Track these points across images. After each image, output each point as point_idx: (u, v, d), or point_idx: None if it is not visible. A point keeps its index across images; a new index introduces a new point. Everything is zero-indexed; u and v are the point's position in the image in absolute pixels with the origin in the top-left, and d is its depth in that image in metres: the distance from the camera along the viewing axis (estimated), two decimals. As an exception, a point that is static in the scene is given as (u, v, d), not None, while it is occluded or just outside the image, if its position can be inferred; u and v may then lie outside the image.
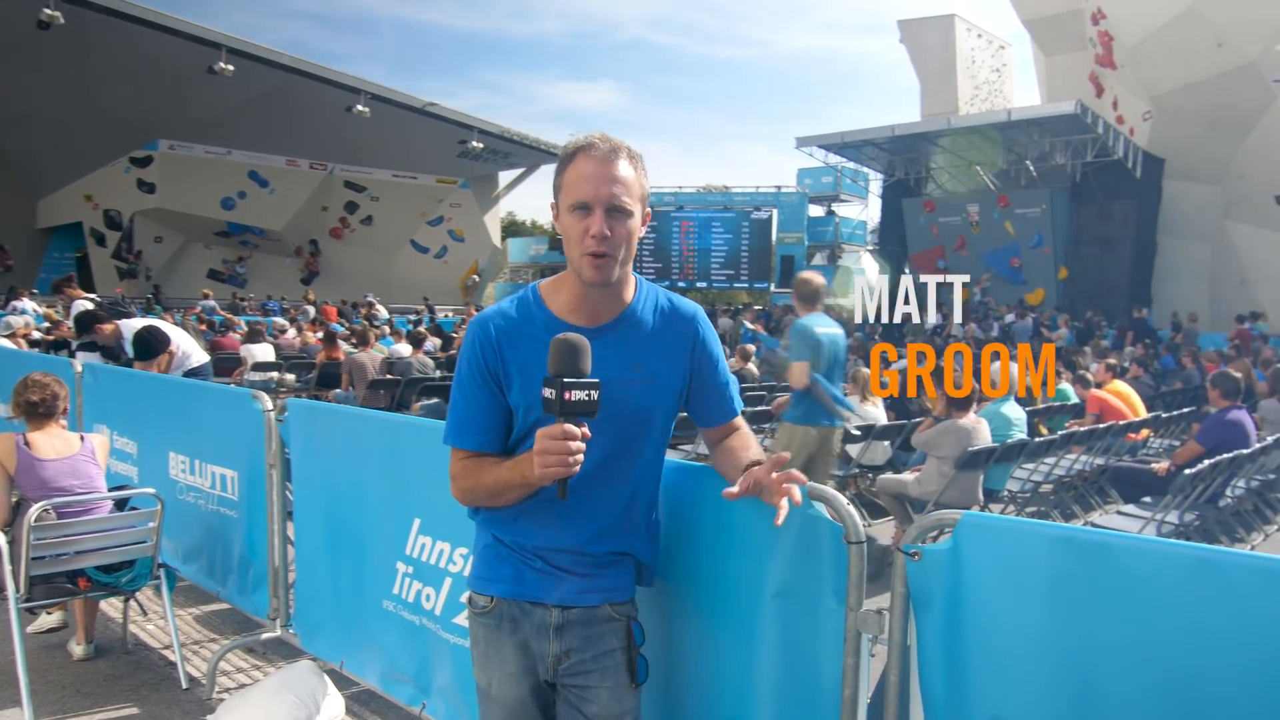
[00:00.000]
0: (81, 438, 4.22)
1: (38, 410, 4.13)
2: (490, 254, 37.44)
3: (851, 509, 2.06)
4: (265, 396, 4.06)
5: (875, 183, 30.47)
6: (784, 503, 1.83)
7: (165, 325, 7.30)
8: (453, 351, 12.44)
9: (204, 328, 16.74)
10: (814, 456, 5.84)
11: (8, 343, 10.77)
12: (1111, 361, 10.34)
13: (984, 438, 6.38)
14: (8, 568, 3.74)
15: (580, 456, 1.73)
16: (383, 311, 24.13)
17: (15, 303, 17.46)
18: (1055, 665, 1.77)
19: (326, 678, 3.63)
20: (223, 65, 24.53)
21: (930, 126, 24.88)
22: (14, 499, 4.01)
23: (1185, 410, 10.23)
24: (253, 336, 13.14)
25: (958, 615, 1.91)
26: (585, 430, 1.74)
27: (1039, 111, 22.64)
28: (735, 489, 1.89)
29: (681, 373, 2.02)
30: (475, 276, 36.29)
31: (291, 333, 17.20)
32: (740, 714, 2.21)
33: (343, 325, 18.89)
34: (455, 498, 2.01)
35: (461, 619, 2.99)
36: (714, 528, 2.24)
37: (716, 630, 2.25)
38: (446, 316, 25.66)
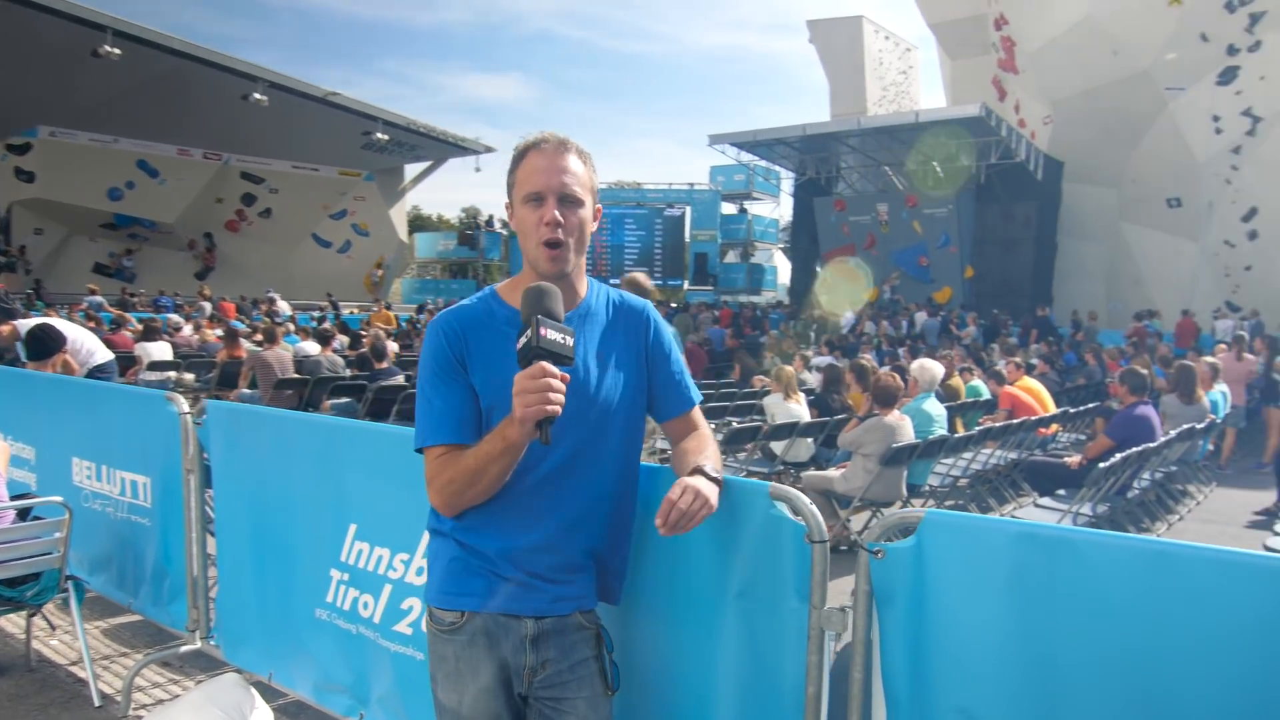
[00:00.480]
0: None
1: None
2: (397, 249, 36.80)
3: (814, 508, 2.09)
4: (180, 399, 3.92)
5: (787, 181, 30.95)
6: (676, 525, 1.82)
7: (62, 323, 6.95)
8: (362, 349, 12.18)
9: (92, 325, 15.99)
10: None
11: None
12: (1019, 360, 10.73)
13: (908, 434, 6.55)
14: None
15: (561, 396, 1.70)
16: (285, 308, 23.46)
17: None
18: (1019, 657, 1.83)
19: (253, 690, 3.50)
20: (108, 48, 23.40)
21: (840, 126, 25.26)
22: None
23: (1090, 405, 10.66)
24: (148, 334, 12.59)
25: (921, 611, 1.96)
26: (564, 375, 1.73)
27: (945, 114, 23.15)
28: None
29: (639, 363, 2.05)
30: (379, 271, 35.63)
31: (188, 330, 16.51)
32: (703, 715, 2.22)
33: (243, 322, 18.32)
34: (434, 503, 1.95)
35: (403, 626, 2.94)
36: (673, 530, 2.26)
37: (679, 632, 2.26)
38: (352, 313, 25.13)
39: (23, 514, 4.02)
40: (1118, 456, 6.27)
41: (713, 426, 9.86)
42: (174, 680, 4.07)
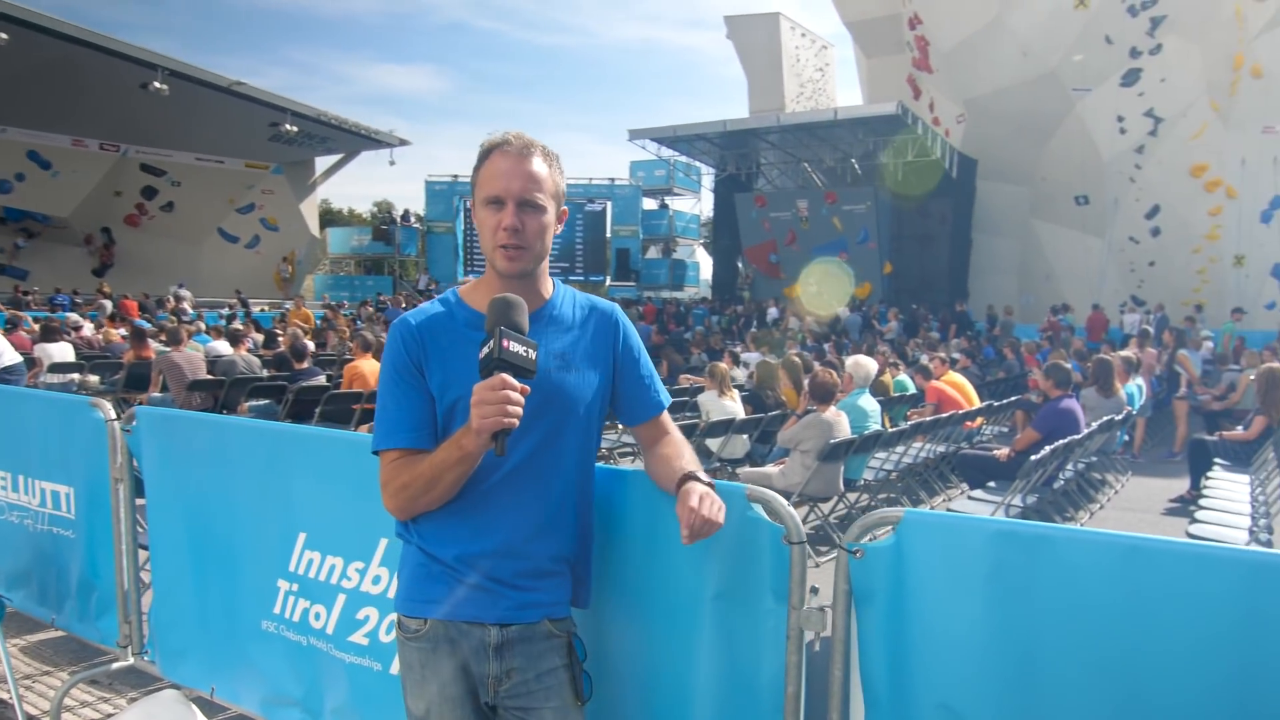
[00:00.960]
0: None
1: None
2: (308, 244, 35.88)
3: (791, 510, 2.11)
4: (107, 405, 3.77)
5: (707, 177, 31.25)
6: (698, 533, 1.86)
7: None
8: (279, 349, 11.81)
9: (-15, 325, 15.21)
10: None
11: None
12: (943, 355, 11.06)
13: (844, 430, 6.67)
14: None
15: (519, 409, 1.72)
16: (189, 306, 22.65)
17: None
18: (999, 652, 1.88)
19: (194, 706, 3.41)
20: None
21: (761, 123, 25.73)
22: None
23: (1011, 399, 11.05)
24: (47, 334, 12.06)
25: (901, 609, 1.99)
26: (524, 387, 1.74)
27: (863, 111, 23.84)
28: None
29: (606, 366, 2.06)
30: (289, 268, 34.73)
31: (88, 329, 15.87)
32: (680, 716, 2.22)
33: (148, 321, 17.63)
34: (389, 508, 1.94)
35: (359, 636, 2.89)
36: (648, 533, 2.26)
37: (656, 636, 2.27)
38: (263, 310, 24.40)
39: None
40: (1046, 449, 6.49)
41: None
42: (104, 699, 3.93)
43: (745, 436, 8.15)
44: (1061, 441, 6.81)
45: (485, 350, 1.74)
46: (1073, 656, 1.81)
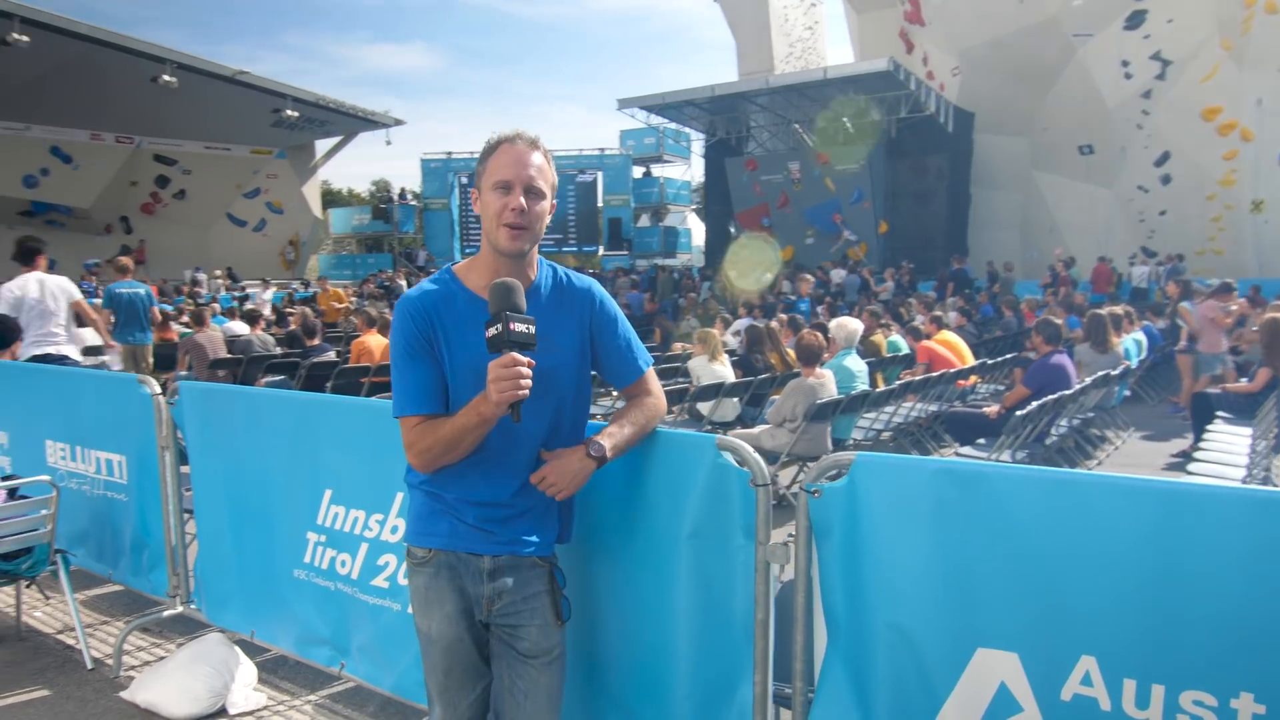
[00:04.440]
0: None
1: None
2: (311, 225, 36.59)
3: (756, 455, 2.36)
4: (153, 381, 4.14)
5: (698, 143, 30.78)
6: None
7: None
8: (292, 328, 12.38)
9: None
10: None
11: None
12: (937, 314, 11.24)
13: (830, 391, 6.79)
14: None
15: (529, 381, 2.00)
16: (205, 289, 23.64)
17: None
18: (940, 577, 2.11)
19: (236, 647, 3.80)
20: (16, 36, 23.00)
21: (749, 86, 24.99)
22: None
23: (1008, 356, 10.89)
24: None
25: (855, 542, 2.22)
26: (530, 360, 2.01)
27: (854, 69, 22.96)
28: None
29: (583, 338, 2.31)
30: (293, 250, 35.43)
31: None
32: (664, 642, 2.50)
33: (167, 304, 18.08)
34: (414, 465, 2.20)
35: (380, 580, 3.22)
36: (631, 480, 2.52)
37: (640, 570, 2.53)
38: (278, 291, 24.86)
39: (11, 493, 4.23)
40: (1034, 405, 6.60)
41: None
42: (156, 644, 4.31)
43: (736, 400, 8.31)
44: (1051, 397, 6.89)
45: (493, 331, 1.99)
46: (1004, 577, 2.03)
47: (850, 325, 8.08)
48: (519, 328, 2.00)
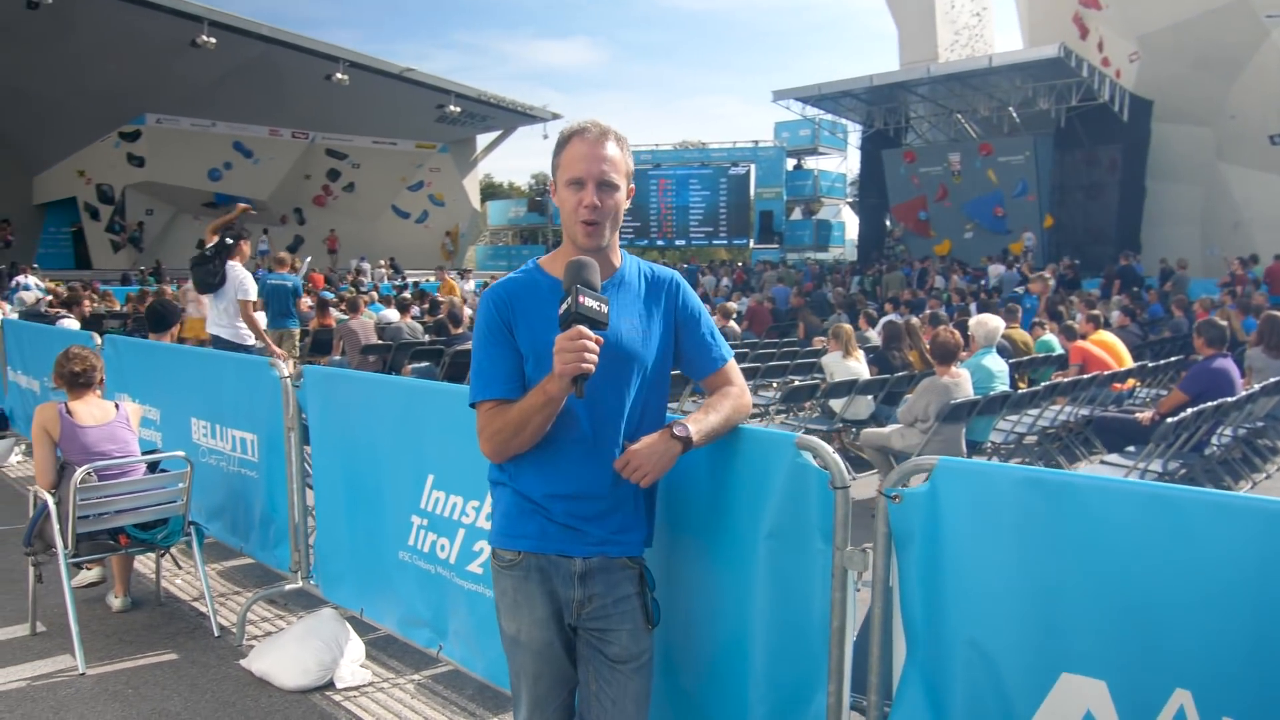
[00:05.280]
0: (116, 405, 4.52)
1: (78, 380, 4.44)
2: (470, 217, 38.02)
3: (837, 457, 2.24)
4: (282, 365, 4.34)
5: (854, 134, 30.27)
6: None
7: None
8: (440, 316, 12.95)
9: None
10: None
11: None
12: (1095, 312, 10.53)
13: (965, 391, 6.45)
14: (56, 526, 4.09)
15: (595, 355, 1.95)
16: (368, 278, 24.90)
17: (19, 278, 18.21)
18: (1024, 593, 1.96)
19: (348, 624, 3.96)
20: (205, 38, 24.94)
21: (909, 75, 24.04)
22: (59, 463, 4.34)
23: (1173, 359, 10.13)
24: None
25: (935, 552, 2.09)
26: (598, 337, 1.97)
27: (1021, 56, 21.88)
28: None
29: (669, 326, 2.27)
30: (452, 241, 36.77)
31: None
32: (740, 645, 2.42)
33: (331, 292, 19.17)
34: (485, 452, 2.18)
35: (475, 566, 3.25)
36: (710, 476, 2.46)
37: (717, 569, 2.47)
38: (428, 280, 26.04)
39: (152, 467, 4.54)
40: (1189, 411, 6.07)
41: (773, 385, 10.11)
42: (279, 615, 4.54)
43: (870, 398, 8.07)
44: (1211, 404, 6.33)
45: (564, 306, 1.97)
46: (1093, 598, 1.87)
47: (991, 323, 7.69)
48: (589, 302, 1.97)
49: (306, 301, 16.07)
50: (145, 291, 12.92)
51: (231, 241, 7.44)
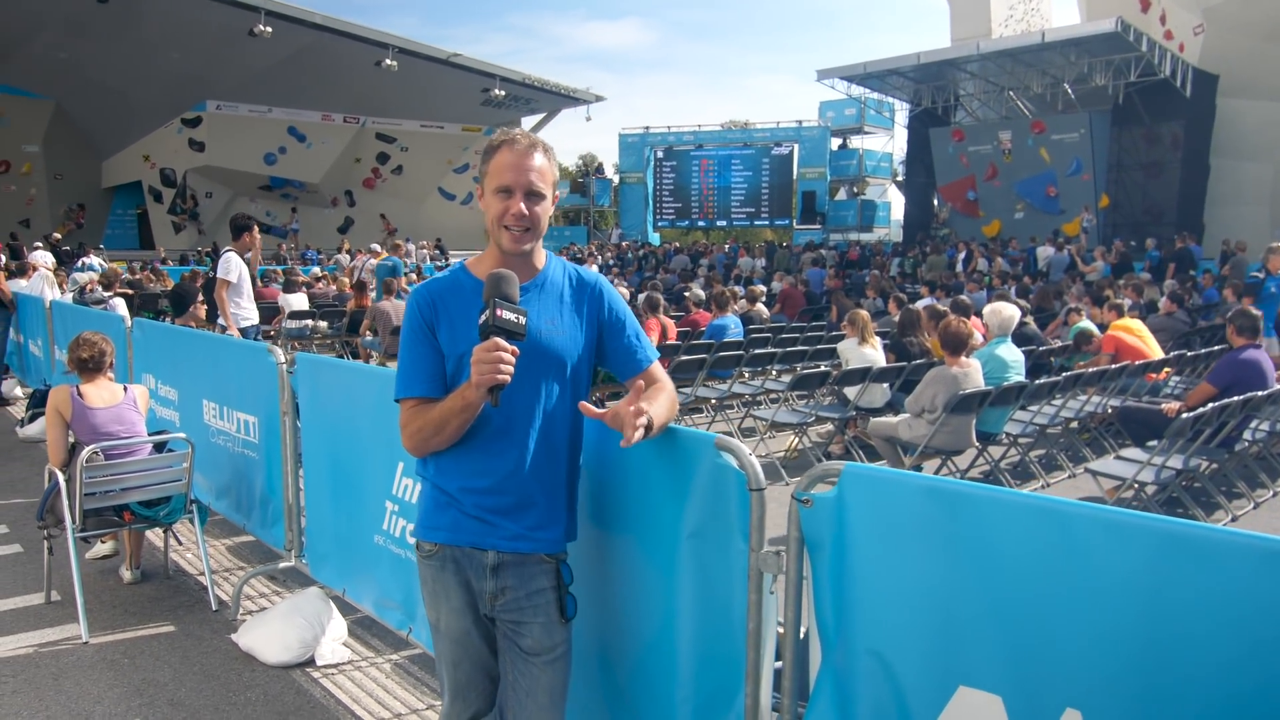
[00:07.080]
0: (125, 388, 4.73)
1: (87, 365, 4.67)
2: None
3: (753, 459, 2.22)
4: (278, 350, 4.50)
5: (901, 113, 29.70)
6: (633, 434, 2.03)
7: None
8: None
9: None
10: None
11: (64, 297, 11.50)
12: (1118, 301, 10.02)
13: (975, 381, 6.28)
14: (65, 502, 4.30)
15: (510, 367, 2.00)
16: (412, 258, 25.20)
17: (84, 259, 19.16)
18: (924, 605, 1.94)
19: (331, 603, 4.09)
20: (262, 27, 25.85)
21: (959, 53, 23.25)
22: (69, 443, 4.55)
23: (1215, 348, 9.57)
24: (289, 286, 14.36)
25: (843, 558, 2.07)
26: (514, 349, 2.02)
27: (1076, 31, 21.11)
28: (593, 410, 2.11)
29: (591, 327, 2.30)
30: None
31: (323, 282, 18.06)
32: (666, 643, 2.44)
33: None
34: (407, 448, 2.24)
35: None
36: (636, 476, 2.47)
37: (643, 567, 2.48)
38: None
39: (159, 447, 4.74)
40: (1210, 405, 5.85)
41: (773, 372, 9.90)
42: (276, 592, 4.71)
43: (885, 385, 7.91)
44: (1239, 397, 6.06)
45: (483, 318, 2.02)
46: (988, 613, 1.84)
47: (1005, 311, 7.48)
48: (506, 315, 2.02)
49: (347, 281, 16.78)
50: (196, 272, 13.48)
51: (237, 229, 7.53)
